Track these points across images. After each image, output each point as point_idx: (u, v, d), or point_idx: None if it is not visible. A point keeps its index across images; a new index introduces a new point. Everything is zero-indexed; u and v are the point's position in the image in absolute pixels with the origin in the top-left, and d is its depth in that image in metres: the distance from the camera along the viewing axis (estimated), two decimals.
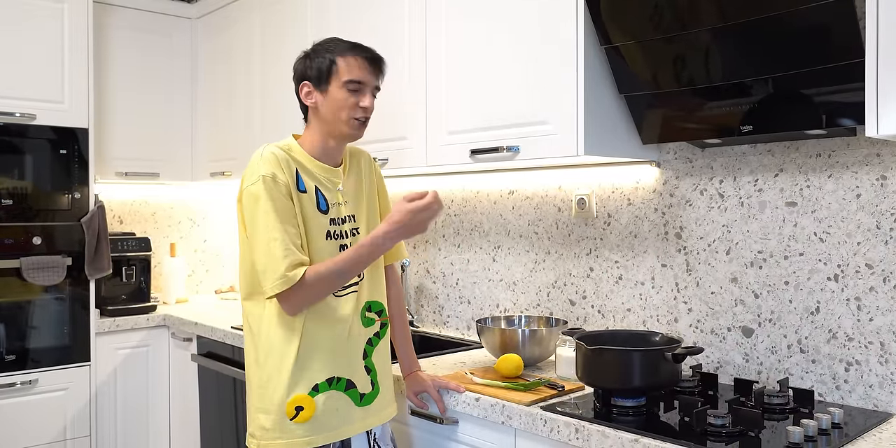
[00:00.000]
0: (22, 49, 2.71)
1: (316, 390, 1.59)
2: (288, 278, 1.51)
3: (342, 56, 1.63)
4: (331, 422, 1.60)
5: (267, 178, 1.56)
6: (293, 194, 1.59)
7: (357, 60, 1.62)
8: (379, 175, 1.84)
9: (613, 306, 2.12)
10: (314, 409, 1.58)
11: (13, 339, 2.69)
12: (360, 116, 1.63)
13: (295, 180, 1.60)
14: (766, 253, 1.79)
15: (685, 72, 1.65)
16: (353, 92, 1.62)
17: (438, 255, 2.67)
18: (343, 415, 1.62)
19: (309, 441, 1.58)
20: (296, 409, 1.57)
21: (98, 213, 2.86)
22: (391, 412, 1.74)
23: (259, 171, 1.57)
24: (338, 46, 1.65)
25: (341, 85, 1.61)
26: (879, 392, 1.60)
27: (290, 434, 1.57)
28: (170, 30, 3.34)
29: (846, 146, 1.66)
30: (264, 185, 1.55)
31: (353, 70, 1.62)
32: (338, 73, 1.62)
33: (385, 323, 1.75)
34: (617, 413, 1.56)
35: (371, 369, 1.69)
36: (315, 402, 1.59)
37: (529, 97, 1.89)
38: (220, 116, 3.26)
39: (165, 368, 3.10)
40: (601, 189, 2.15)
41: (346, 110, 1.62)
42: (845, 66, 1.41)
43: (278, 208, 1.55)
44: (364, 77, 1.63)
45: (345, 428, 1.63)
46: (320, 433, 1.59)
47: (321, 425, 1.59)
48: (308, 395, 1.58)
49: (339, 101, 1.62)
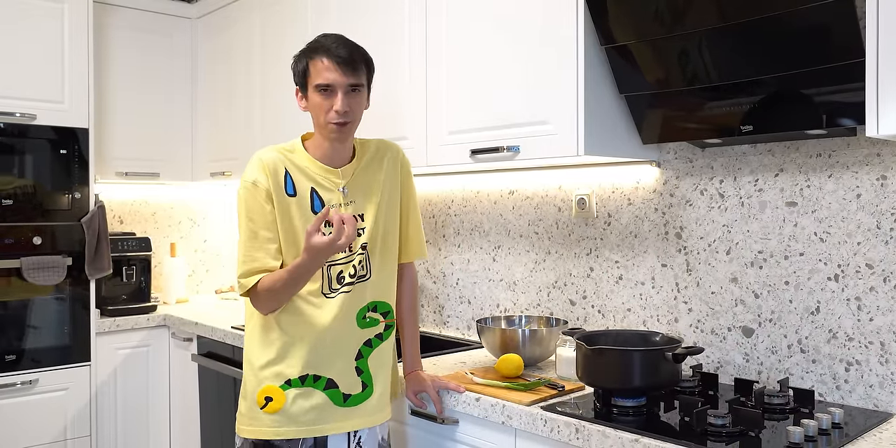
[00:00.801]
0: (22, 49, 2.71)
1: (288, 384, 1.63)
2: (241, 285, 1.62)
3: (312, 59, 1.62)
4: (303, 417, 1.63)
5: (248, 184, 1.63)
6: (276, 199, 1.62)
7: (324, 63, 1.59)
8: (407, 172, 1.81)
9: (614, 306, 2.12)
10: (283, 402, 1.62)
11: (13, 339, 2.69)
12: (334, 120, 1.61)
13: (283, 184, 1.62)
14: (767, 253, 1.79)
15: (685, 71, 1.65)
16: (325, 95, 1.60)
17: (439, 255, 2.67)
18: (319, 413, 1.64)
19: (276, 432, 1.62)
20: (265, 399, 1.63)
21: (98, 213, 2.86)
22: (384, 416, 1.73)
23: (244, 176, 1.65)
24: (312, 49, 1.63)
25: (314, 89, 1.61)
26: (880, 392, 1.60)
27: (258, 422, 1.64)
28: (170, 30, 3.34)
29: (846, 146, 1.66)
30: (245, 192, 1.64)
31: (321, 73, 1.60)
32: (311, 77, 1.62)
33: (390, 325, 1.74)
34: (617, 413, 1.56)
35: (363, 371, 1.68)
36: (286, 396, 1.63)
37: (530, 97, 1.89)
38: (220, 116, 3.26)
39: (166, 368, 3.10)
40: (601, 189, 2.15)
41: (322, 114, 1.62)
42: (845, 66, 1.41)
43: (253, 215, 1.62)
44: (333, 79, 1.59)
45: (321, 426, 1.64)
46: (289, 426, 1.62)
47: (291, 419, 1.62)
48: (279, 388, 1.63)
49: (316, 105, 1.62)
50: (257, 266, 1.61)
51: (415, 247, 1.82)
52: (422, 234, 1.84)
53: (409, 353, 1.85)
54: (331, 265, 1.65)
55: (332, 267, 1.65)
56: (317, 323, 1.63)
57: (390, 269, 1.75)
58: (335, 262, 1.65)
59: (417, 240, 1.83)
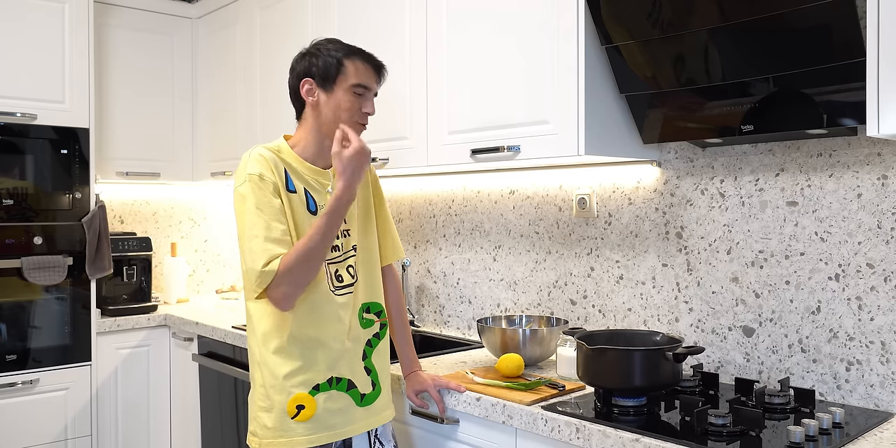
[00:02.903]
0: (22, 49, 2.71)
1: (317, 389, 1.60)
2: (266, 273, 1.51)
3: (350, 59, 1.63)
4: (332, 421, 1.61)
5: (254, 177, 1.58)
6: (282, 194, 1.60)
7: (364, 66, 1.64)
8: (374, 176, 1.83)
9: (614, 306, 2.12)
10: (315, 408, 1.59)
11: (14, 339, 2.69)
12: (362, 121, 1.65)
13: (284, 180, 1.61)
14: (767, 252, 1.79)
15: (686, 71, 1.65)
16: (359, 96, 1.63)
17: (439, 254, 2.67)
18: (345, 414, 1.63)
19: (310, 440, 1.59)
20: (297, 408, 1.58)
21: (99, 213, 2.86)
22: (391, 413, 1.75)
23: (246, 171, 1.59)
24: (344, 48, 1.65)
25: (348, 87, 1.62)
26: (880, 392, 1.60)
27: (291, 432, 1.58)
28: (170, 30, 3.34)
29: (847, 146, 1.66)
30: (251, 185, 1.57)
31: (360, 74, 1.63)
32: (345, 75, 1.62)
33: (384, 324, 1.75)
34: (618, 413, 1.56)
35: (371, 370, 1.69)
36: (316, 402, 1.59)
37: (530, 97, 1.89)
38: (220, 116, 3.26)
39: (166, 368, 3.10)
40: (602, 189, 2.15)
41: (348, 113, 1.62)
42: (846, 66, 1.41)
43: (263, 206, 1.56)
44: (370, 83, 1.65)
45: (347, 428, 1.63)
46: (322, 432, 1.60)
47: (322, 424, 1.60)
48: (309, 395, 1.59)
49: (344, 102, 1.62)
50: (276, 252, 1.53)
51: (392, 249, 1.83)
52: (396, 235, 1.85)
53: (405, 354, 1.86)
54: (328, 263, 1.64)
55: (328, 265, 1.64)
56: (334, 325, 1.62)
57: (377, 270, 1.76)
58: (332, 261, 1.65)
59: (393, 242, 1.84)
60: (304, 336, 1.60)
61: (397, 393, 1.89)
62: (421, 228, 2.73)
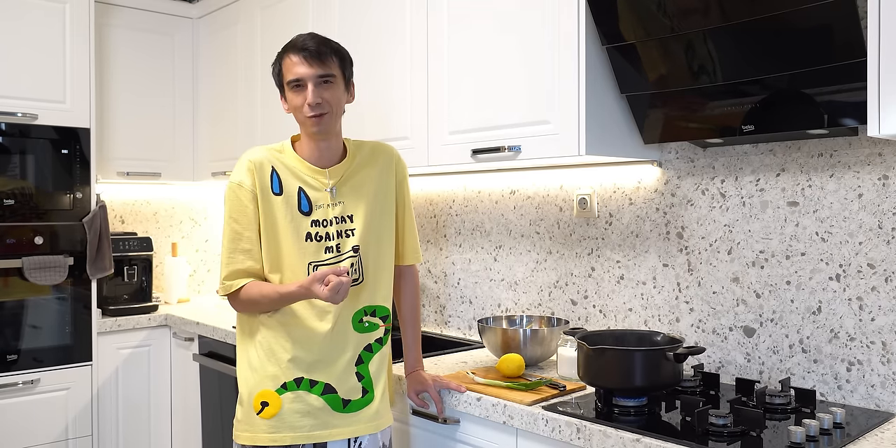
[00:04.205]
0: (23, 49, 2.71)
1: (284, 388, 1.62)
2: (224, 286, 1.63)
3: (284, 58, 1.63)
4: (299, 422, 1.61)
5: (233, 185, 1.65)
6: (260, 198, 1.62)
7: (293, 59, 1.60)
8: (403, 175, 1.79)
9: (615, 306, 2.11)
10: (279, 407, 1.61)
11: (15, 339, 2.69)
12: (308, 113, 1.60)
13: (269, 183, 1.63)
14: (768, 253, 1.79)
15: (686, 71, 1.65)
16: (298, 90, 1.61)
17: (440, 254, 2.67)
18: (316, 418, 1.61)
19: (273, 438, 1.60)
20: (261, 404, 1.61)
21: (100, 213, 2.86)
22: (385, 422, 1.70)
23: (231, 177, 1.66)
24: (283, 49, 1.64)
25: (288, 87, 1.63)
26: (881, 392, 1.60)
27: (255, 428, 1.62)
28: (171, 30, 3.34)
29: (848, 146, 1.66)
30: (230, 192, 1.65)
31: (290, 69, 1.61)
32: (284, 77, 1.63)
33: (389, 329, 1.74)
34: (618, 413, 1.56)
35: (364, 376, 1.67)
36: (282, 400, 1.61)
37: (531, 97, 1.89)
38: (221, 116, 3.26)
39: (167, 368, 3.10)
40: (603, 189, 2.15)
41: (298, 111, 1.62)
42: (847, 66, 1.41)
43: (236, 215, 1.63)
44: (303, 72, 1.59)
45: (318, 432, 1.61)
46: (285, 432, 1.60)
47: (286, 424, 1.60)
48: (275, 392, 1.61)
49: (292, 103, 1.63)
50: (239, 268, 1.63)
51: (412, 251, 1.82)
52: (416, 238, 1.84)
53: (411, 354, 1.85)
54: (318, 266, 1.63)
55: (318, 268, 1.62)
56: (310, 326, 1.62)
57: (386, 273, 1.73)
58: (323, 263, 1.63)
59: (413, 243, 1.83)
60: (280, 334, 1.62)
61: (398, 393, 1.89)
62: (422, 228, 2.73)
